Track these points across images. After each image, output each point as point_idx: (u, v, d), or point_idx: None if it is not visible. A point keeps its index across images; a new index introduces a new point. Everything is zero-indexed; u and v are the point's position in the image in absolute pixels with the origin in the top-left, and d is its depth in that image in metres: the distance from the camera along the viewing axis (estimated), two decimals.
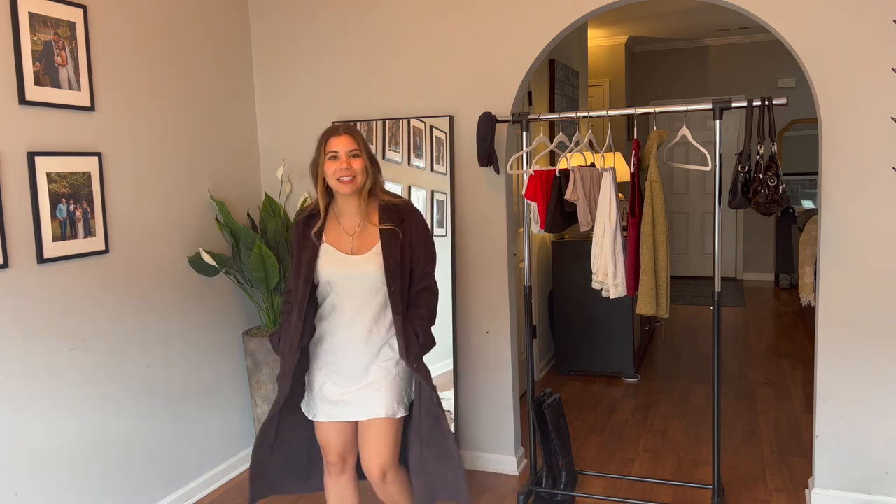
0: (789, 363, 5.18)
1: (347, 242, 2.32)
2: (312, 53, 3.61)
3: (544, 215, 3.05)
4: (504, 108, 3.28)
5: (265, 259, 3.28)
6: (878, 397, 2.88)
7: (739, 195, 2.76)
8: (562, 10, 3.16)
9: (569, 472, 3.22)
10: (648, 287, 2.88)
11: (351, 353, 2.32)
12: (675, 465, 3.55)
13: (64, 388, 2.68)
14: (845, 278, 2.88)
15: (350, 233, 2.33)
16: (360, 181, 2.27)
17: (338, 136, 2.27)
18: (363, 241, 2.32)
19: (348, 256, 2.30)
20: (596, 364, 4.96)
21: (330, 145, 2.27)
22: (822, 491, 2.98)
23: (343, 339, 2.32)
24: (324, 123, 3.62)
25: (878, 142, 2.78)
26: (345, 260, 2.30)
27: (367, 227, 2.33)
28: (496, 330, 3.42)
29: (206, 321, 3.39)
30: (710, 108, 2.78)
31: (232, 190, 3.57)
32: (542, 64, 5.05)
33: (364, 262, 2.29)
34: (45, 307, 2.61)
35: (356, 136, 2.29)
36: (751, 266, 8.58)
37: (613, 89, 7.83)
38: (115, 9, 2.90)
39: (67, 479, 2.70)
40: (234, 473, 3.56)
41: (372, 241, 2.31)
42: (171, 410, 3.18)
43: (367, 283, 2.29)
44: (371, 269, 2.28)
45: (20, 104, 2.51)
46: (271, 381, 3.44)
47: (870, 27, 2.74)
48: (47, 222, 2.59)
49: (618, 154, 5.05)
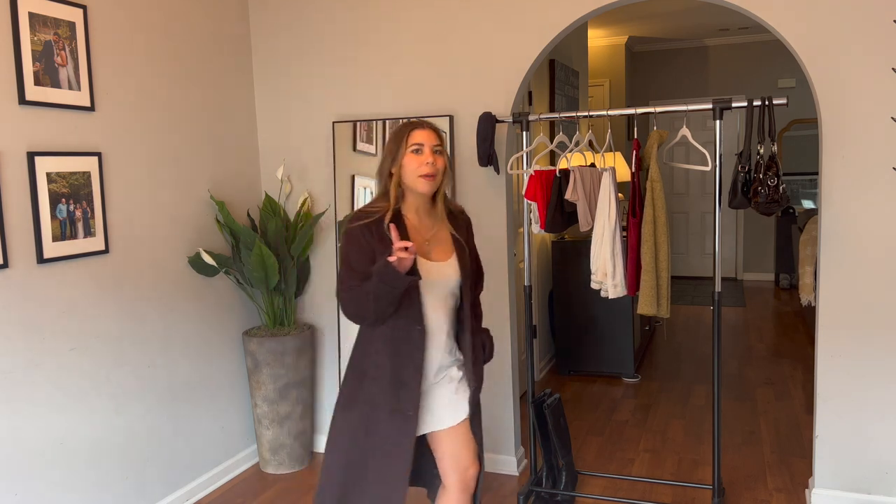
0: (789, 363, 5.18)
1: (424, 246, 2.15)
2: (312, 53, 3.61)
3: (544, 215, 3.04)
4: (504, 108, 3.28)
5: (265, 259, 3.28)
6: (878, 397, 2.88)
7: (739, 195, 2.76)
8: (562, 10, 3.16)
9: (569, 472, 3.22)
10: (650, 287, 2.87)
11: (435, 359, 2.18)
12: (675, 465, 3.55)
13: (64, 388, 2.68)
14: (845, 278, 2.88)
15: (426, 237, 2.16)
16: (439, 180, 2.13)
17: (422, 130, 2.10)
18: (439, 247, 2.17)
19: (430, 262, 2.14)
20: (596, 364, 4.96)
21: (413, 138, 2.09)
22: (822, 491, 2.98)
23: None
24: (324, 123, 3.62)
25: (878, 142, 2.78)
26: (427, 265, 2.13)
27: (440, 232, 2.18)
28: (496, 330, 3.41)
29: (206, 321, 3.39)
30: (710, 108, 2.78)
31: (232, 190, 3.57)
32: (542, 64, 5.05)
33: (446, 268, 2.15)
34: (45, 307, 2.61)
35: (439, 132, 2.15)
36: (751, 266, 8.58)
37: (613, 89, 7.83)
38: (115, 9, 2.90)
39: (67, 479, 2.70)
40: (234, 473, 3.56)
41: (447, 246, 2.18)
42: (171, 410, 3.18)
43: (447, 290, 2.16)
44: (452, 274, 2.16)
45: (20, 104, 2.51)
46: (271, 381, 3.44)
47: (870, 27, 2.74)
48: (47, 222, 2.59)
49: (618, 154, 5.04)
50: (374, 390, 2.12)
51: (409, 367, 2.11)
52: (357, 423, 2.14)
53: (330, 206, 3.65)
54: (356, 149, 3.53)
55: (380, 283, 1.97)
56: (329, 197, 3.66)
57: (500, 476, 3.46)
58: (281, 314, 3.56)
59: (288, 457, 3.55)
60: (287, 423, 3.50)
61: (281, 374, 3.44)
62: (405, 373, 2.11)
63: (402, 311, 2.10)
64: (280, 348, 3.42)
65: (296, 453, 3.57)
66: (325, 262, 3.71)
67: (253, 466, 3.66)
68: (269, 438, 3.52)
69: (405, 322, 2.11)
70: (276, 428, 3.50)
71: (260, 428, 3.53)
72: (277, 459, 3.55)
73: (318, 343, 3.79)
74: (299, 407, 3.54)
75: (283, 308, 3.55)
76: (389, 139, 2.15)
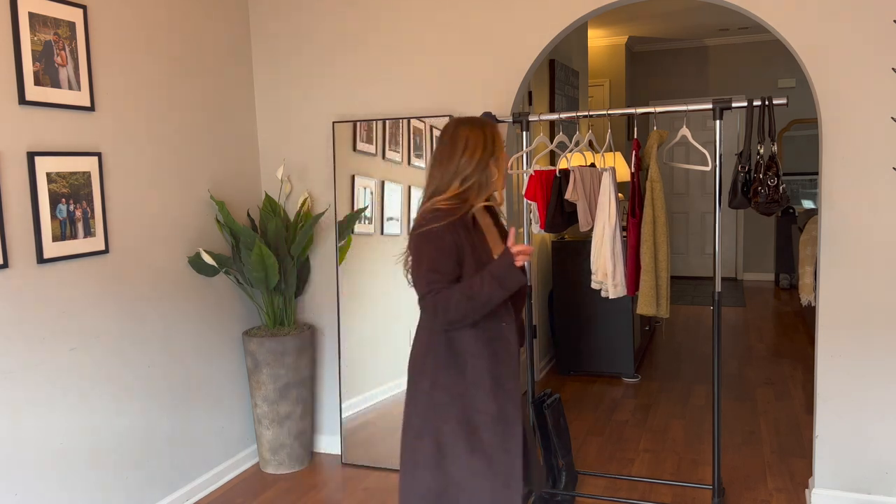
0: (789, 363, 5.18)
1: (495, 246, 2.13)
2: (313, 53, 3.61)
3: (544, 215, 3.04)
4: (504, 108, 3.28)
5: (265, 259, 3.28)
6: (878, 397, 2.88)
7: (739, 195, 2.76)
8: (562, 10, 3.16)
9: (569, 472, 3.22)
10: (649, 287, 2.87)
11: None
12: (675, 465, 3.55)
13: (64, 388, 2.68)
14: (845, 278, 2.88)
15: (488, 233, 2.14)
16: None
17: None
18: (497, 246, 2.13)
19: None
20: (596, 364, 4.96)
21: (500, 138, 2.06)
22: (822, 491, 2.98)
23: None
24: (324, 123, 3.62)
25: (878, 142, 2.78)
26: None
27: (490, 227, 2.16)
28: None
29: (206, 321, 3.39)
30: (710, 108, 2.78)
31: (232, 190, 3.57)
32: (542, 64, 5.05)
33: None
34: (45, 307, 2.61)
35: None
36: (751, 266, 8.58)
37: (613, 89, 7.83)
38: (115, 9, 2.90)
39: (67, 478, 2.70)
40: (234, 473, 3.56)
41: (500, 242, 2.15)
42: (171, 410, 3.18)
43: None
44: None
45: (20, 104, 2.51)
46: (271, 381, 3.44)
47: (870, 27, 2.74)
48: (47, 222, 2.59)
49: (618, 154, 5.04)
50: (474, 393, 2.03)
51: (509, 368, 2.05)
52: (457, 431, 2.02)
53: (330, 206, 3.65)
54: (356, 149, 3.53)
55: (495, 282, 1.91)
56: (329, 197, 3.66)
57: None
58: (281, 314, 3.56)
59: (288, 457, 3.56)
60: (287, 423, 3.51)
61: (281, 374, 3.44)
62: (505, 372, 2.04)
63: (496, 310, 2.04)
64: (280, 348, 3.42)
65: (296, 453, 3.57)
66: (325, 262, 3.71)
67: (253, 466, 3.66)
68: (269, 438, 3.52)
69: (496, 321, 2.05)
70: (276, 428, 3.50)
71: (260, 428, 3.53)
72: (277, 459, 3.55)
73: (318, 343, 3.79)
74: (299, 407, 3.54)
75: (283, 308, 3.55)
76: (479, 135, 2.05)
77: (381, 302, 3.54)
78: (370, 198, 3.52)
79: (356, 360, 3.61)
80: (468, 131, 2.05)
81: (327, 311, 3.73)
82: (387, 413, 3.56)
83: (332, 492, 3.37)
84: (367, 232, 3.55)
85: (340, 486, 3.43)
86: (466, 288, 1.94)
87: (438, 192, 2.04)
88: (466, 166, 2.01)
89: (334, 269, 3.67)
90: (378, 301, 3.55)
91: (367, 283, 3.56)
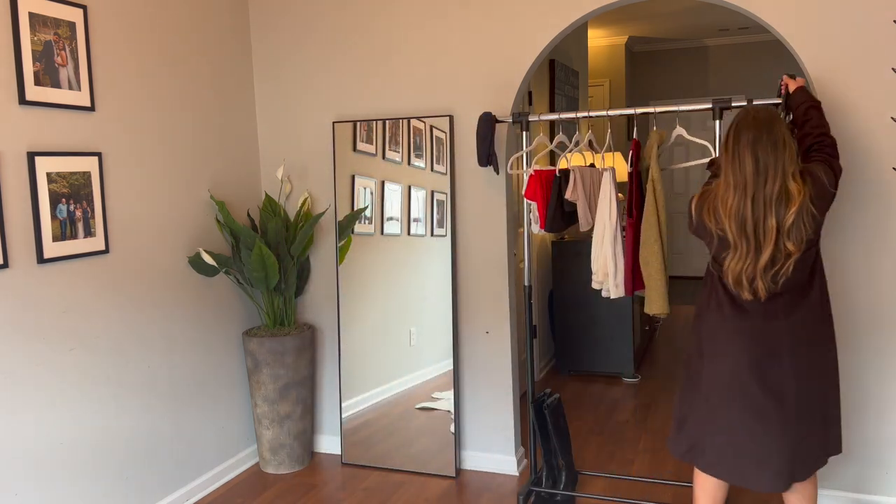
0: None
1: None
2: (312, 53, 3.62)
3: (544, 215, 3.05)
4: (504, 108, 3.29)
5: (265, 259, 3.28)
6: (878, 397, 2.88)
7: None
8: (562, 10, 3.16)
9: (569, 472, 3.22)
10: (661, 285, 2.87)
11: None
12: (675, 465, 3.55)
13: (64, 388, 2.68)
14: (845, 278, 2.88)
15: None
16: None
17: None
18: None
19: None
20: (596, 364, 4.96)
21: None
22: (822, 491, 2.98)
23: None
24: (324, 123, 3.63)
25: (878, 142, 2.78)
26: None
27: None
28: (496, 330, 3.42)
29: (205, 321, 3.39)
30: (710, 108, 2.78)
31: (232, 190, 3.57)
32: (542, 64, 5.05)
33: None
34: (45, 307, 2.61)
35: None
36: None
37: (613, 89, 7.83)
38: (116, 9, 2.90)
39: (67, 479, 2.70)
40: (234, 473, 3.56)
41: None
42: (172, 410, 3.18)
43: None
44: None
45: (20, 104, 2.51)
46: (271, 381, 3.44)
47: (870, 27, 2.74)
48: (47, 222, 2.59)
49: (618, 154, 5.05)
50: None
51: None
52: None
53: (330, 205, 3.65)
54: (356, 149, 3.53)
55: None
56: (329, 197, 3.66)
57: (499, 476, 3.46)
58: (281, 314, 3.56)
59: (288, 457, 3.56)
60: (287, 423, 3.51)
61: (281, 374, 3.44)
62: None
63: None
64: (280, 348, 3.42)
65: (296, 453, 3.57)
66: (325, 262, 3.71)
67: (253, 466, 3.66)
68: (269, 438, 3.52)
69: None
70: (276, 428, 3.50)
71: (260, 428, 3.53)
72: (277, 459, 3.55)
73: (318, 343, 3.79)
74: (299, 407, 3.54)
75: (283, 308, 3.55)
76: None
77: (381, 302, 3.55)
78: (370, 198, 3.52)
79: (356, 361, 3.61)
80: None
81: (327, 311, 3.74)
82: (387, 413, 3.57)
83: (332, 492, 3.37)
84: (367, 232, 3.55)
85: (340, 486, 3.43)
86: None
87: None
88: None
89: (334, 269, 3.67)
90: (378, 301, 3.55)
91: (367, 284, 3.56)
